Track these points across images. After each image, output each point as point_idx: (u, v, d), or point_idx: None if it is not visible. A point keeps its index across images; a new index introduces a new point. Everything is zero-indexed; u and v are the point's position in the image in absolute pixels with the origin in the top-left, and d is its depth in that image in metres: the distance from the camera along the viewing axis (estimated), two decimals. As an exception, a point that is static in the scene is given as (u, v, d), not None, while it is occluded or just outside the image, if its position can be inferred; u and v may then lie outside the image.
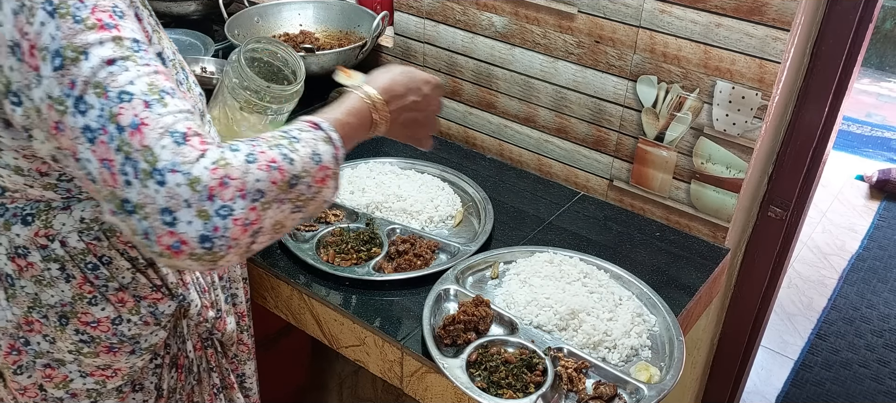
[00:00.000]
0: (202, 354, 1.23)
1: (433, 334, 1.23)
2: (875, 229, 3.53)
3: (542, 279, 1.34)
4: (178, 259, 0.78)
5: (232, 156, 0.79)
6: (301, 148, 0.85)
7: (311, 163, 0.85)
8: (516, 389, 1.15)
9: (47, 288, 1.00)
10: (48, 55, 0.76)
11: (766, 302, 1.74)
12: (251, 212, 0.79)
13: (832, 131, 1.49)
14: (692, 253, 1.51)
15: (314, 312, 1.38)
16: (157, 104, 0.77)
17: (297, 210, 0.86)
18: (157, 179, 0.75)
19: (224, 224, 0.77)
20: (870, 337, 2.82)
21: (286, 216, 0.84)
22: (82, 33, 0.77)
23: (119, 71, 0.77)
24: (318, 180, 0.87)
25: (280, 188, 0.82)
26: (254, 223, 0.80)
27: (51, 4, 0.76)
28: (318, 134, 0.89)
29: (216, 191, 0.76)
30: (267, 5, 1.94)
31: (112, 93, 0.76)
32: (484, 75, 1.74)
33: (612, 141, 1.60)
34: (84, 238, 0.99)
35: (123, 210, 0.77)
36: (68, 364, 1.08)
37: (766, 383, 2.61)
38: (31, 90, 0.78)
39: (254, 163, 0.80)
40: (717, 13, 1.35)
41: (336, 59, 1.72)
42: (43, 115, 0.79)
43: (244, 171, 0.79)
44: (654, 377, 1.19)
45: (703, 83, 1.42)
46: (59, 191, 0.95)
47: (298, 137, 0.87)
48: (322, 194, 0.88)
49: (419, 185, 1.59)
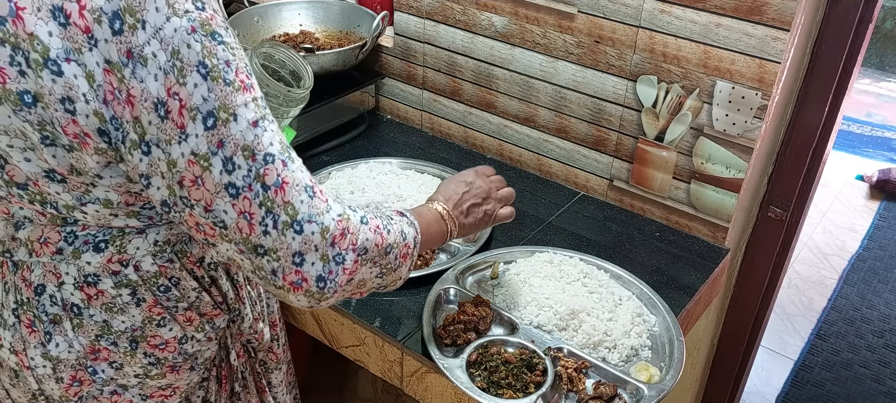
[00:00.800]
0: (245, 360, 1.24)
1: (433, 334, 1.23)
2: (875, 229, 3.53)
3: (542, 279, 1.34)
4: (295, 293, 0.88)
5: (352, 214, 0.91)
6: (394, 225, 0.99)
7: (400, 239, 0.98)
8: (516, 389, 1.15)
9: (119, 314, 0.99)
10: (199, 116, 0.79)
11: (766, 303, 1.73)
12: (354, 264, 0.91)
13: (832, 131, 1.49)
14: (692, 253, 1.51)
15: (314, 312, 1.38)
16: (290, 162, 0.86)
17: (380, 276, 0.97)
18: (296, 229, 0.85)
19: (337, 269, 0.89)
20: (870, 338, 2.81)
21: (371, 278, 0.96)
22: (231, 95, 0.80)
23: (261, 133, 0.83)
24: (402, 255, 0.99)
25: (379, 251, 0.94)
26: (354, 274, 0.92)
27: (205, 68, 0.78)
28: (404, 220, 1.03)
29: (337, 240, 0.88)
30: (267, 5, 1.94)
31: (259, 156, 0.83)
32: (484, 75, 1.74)
33: (611, 141, 1.60)
34: (157, 261, 0.98)
35: (255, 253, 0.85)
36: (131, 388, 1.06)
37: (766, 383, 2.60)
38: (170, 145, 0.80)
39: (366, 225, 0.93)
40: (717, 13, 1.35)
41: (336, 58, 1.72)
42: (178, 168, 0.81)
43: (358, 228, 0.91)
44: (654, 377, 1.19)
45: (703, 83, 1.42)
46: (141, 218, 0.95)
47: (392, 217, 1.01)
48: (401, 269, 1.00)
49: (419, 185, 1.59)
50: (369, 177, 1.60)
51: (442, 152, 1.83)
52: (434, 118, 1.90)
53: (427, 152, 1.82)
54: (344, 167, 1.66)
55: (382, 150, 1.82)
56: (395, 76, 1.92)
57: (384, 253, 0.95)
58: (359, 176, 1.62)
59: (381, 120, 1.97)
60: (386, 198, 1.53)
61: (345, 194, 1.56)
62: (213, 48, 0.79)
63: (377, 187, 1.56)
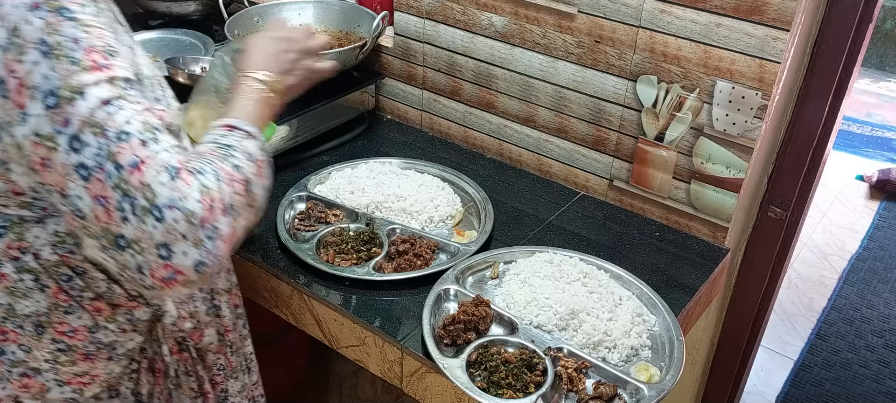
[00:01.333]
0: (178, 357, 1.21)
1: (433, 334, 1.23)
2: (875, 229, 3.53)
3: (541, 279, 1.34)
4: (169, 289, 0.84)
5: (208, 181, 0.86)
6: (237, 153, 0.94)
7: (251, 165, 0.94)
8: (516, 389, 1.15)
9: (22, 298, 0.98)
10: (39, 94, 0.77)
11: (766, 303, 1.73)
12: (230, 228, 0.87)
13: (832, 131, 1.49)
14: (692, 253, 1.51)
15: (314, 312, 1.38)
16: (152, 142, 0.81)
17: (252, 210, 0.94)
18: (156, 216, 0.80)
19: (214, 245, 0.84)
20: (870, 338, 2.81)
21: (250, 217, 0.94)
22: (78, 74, 0.78)
23: (116, 111, 0.79)
24: (259, 175, 0.96)
25: (244, 198, 0.91)
26: (233, 236, 0.88)
27: (45, 45, 0.77)
28: (238, 134, 0.97)
29: (207, 219, 0.83)
30: (267, 5, 1.94)
31: (110, 134, 0.78)
32: (484, 75, 1.74)
33: (611, 141, 1.60)
34: (58, 250, 0.97)
35: (116, 246, 0.81)
36: (44, 372, 1.05)
37: (766, 383, 2.60)
38: (12, 127, 0.78)
39: (222, 181, 0.88)
40: (717, 13, 1.35)
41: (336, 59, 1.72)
42: (25, 151, 0.79)
43: (219, 190, 0.86)
44: (654, 377, 1.19)
45: (703, 83, 1.42)
46: (34, 209, 0.93)
47: (230, 144, 0.95)
48: (263, 186, 0.97)
49: (419, 185, 1.59)
50: (369, 177, 1.60)
51: (442, 152, 1.83)
52: (434, 118, 1.90)
53: (427, 152, 1.82)
54: (344, 167, 1.66)
55: (382, 150, 1.82)
56: (395, 76, 1.92)
57: (248, 192, 0.92)
58: (359, 176, 1.62)
59: (381, 120, 1.97)
60: (386, 197, 1.53)
61: (345, 194, 1.56)
62: (58, 24, 0.78)
63: (377, 187, 1.56)
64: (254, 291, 1.49)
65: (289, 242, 1.42)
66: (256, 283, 1.47)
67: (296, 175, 1.66)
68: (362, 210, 1.52)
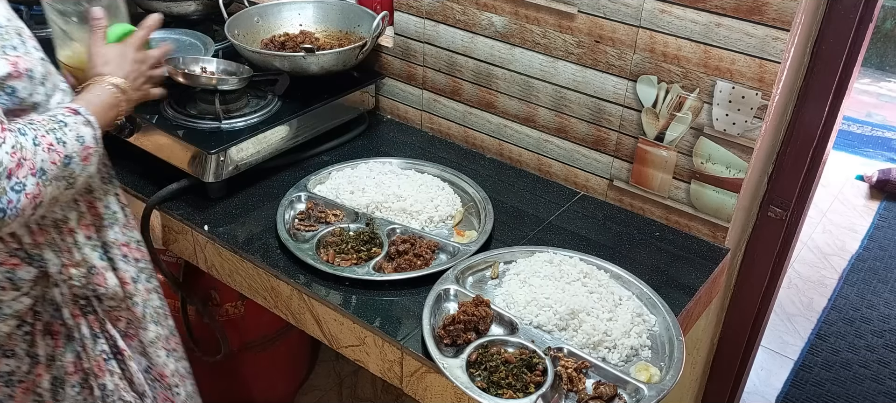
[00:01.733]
0: (83, 321, 1.25)
1: (433, 334, 1.23)
2: (875, 229, 3.53)
3: (541, 279, 1.34)
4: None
5: (24, 140, 0.97)
6: (69, 132, 1.04)
7: (77, 145, 1.05)
8: (516, 389, 1.15)
9: None
10: None
11: (766, 303, 1.73)
12: (37, 188, 0.98)
13: (832, 131, 1.49)
14: (692, 253, 1.51)
15: (314, 312, 1.38)
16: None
17: (70, 186, 1.06)
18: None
19: (17, 197, 0.96)
20: (870, 338, 2.81)
21: (61, 191, 1.04)
22: None
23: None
24: (84, 158, 1.07)
25: (58, 167, 1.01)
26: (38, 197, 0.99)
27: None
28: (78, 118, 1.08)
29: (14, 172, 0.95)
30: (267, 5, 1.94)
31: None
32: (484, 75, 1.74)
33: (611, 141, 1.60)
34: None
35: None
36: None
37: (766, 383, 2.60)
38: None
39: (39, 147, 0.99)
40: (717, 13, 1.35)
41: (336, 58, 1.72)
42: None
43: (34, 153, 0.97)
44: (654, 377, 1.19)
45: (703, 83, 1.42)
46: None
47: (65, 122, 1.05)
48: (87, 170, 1.08)
49: (419, 185, 1.59)
50: (369, 177, 1.60)
51: (442, 152, 1.83)
52: (434, 118, 1.90)
53: (427, 152, 1.82)
54: (344, 167, 1.66)
55: (382, 150, 1.82)
56: (395, 76, 1.92)
57: (64, 165, 1.02)
58: (359, 176, 1.62)
59: (381, 120, 1.97)
60: (386, 197, 1.53)
61: (345, 194, 1.56)
62: None
63: (377, 187, 1.56)
64: (254, 291, 1.49)
65: (289, 242, 1.42)
66: (256, 283, 1.47)
67: (296, 175, 1.66)
68: (362, 210, 1.52)
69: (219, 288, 1.86)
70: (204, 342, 1.94)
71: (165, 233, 1.60)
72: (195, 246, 1.55)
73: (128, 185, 1.62)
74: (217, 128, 1.60)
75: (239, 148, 1.57)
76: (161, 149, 1.61)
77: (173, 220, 1.55)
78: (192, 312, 1.91)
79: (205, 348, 1.94)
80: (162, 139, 1.60)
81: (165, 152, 1.60)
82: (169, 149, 1.59)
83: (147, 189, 1.60)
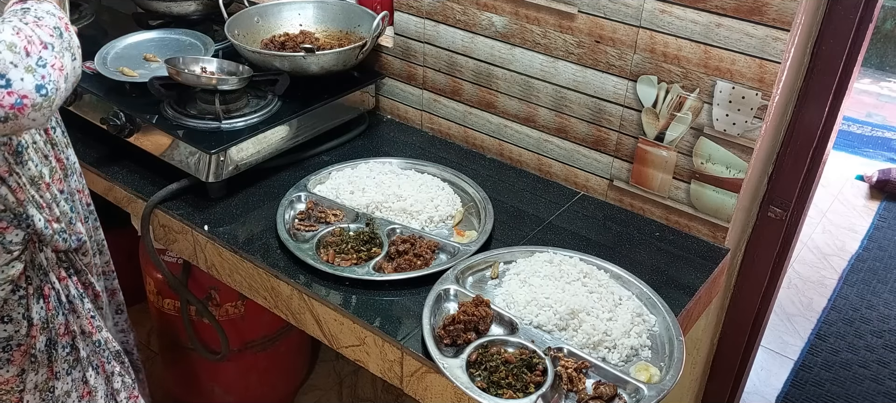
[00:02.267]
0: (69, 282, 1.31)
1: (433, 334, 1.23)
2: (875, 229, 3.53)
3: (541, 279, 1.34)
4: (22, 116, 0.95)
5: (17, 23, 0.98)
6: (37, 10, 1.05)
7: (52, 18, 1.05)
8: (516, 389, 1.15)
9: None
10: None
11: (766, 303, 1.73)
12: (57, 59, 1.00)
13: (832, 131, 1.49)
14: (692, 253, 1.51)
15: (314, 312, 1.38)
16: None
17: (74, 58, 1.07)
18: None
19: (47, 71, 0.97)
20: (869, 338, 2.81)
21: (71, 67, 1.06)
22: None
23: None
24: (65, 27, 1.08)
25: (56, 40, 1.02)
26: (62, 68, 1.01)
27: None
28: (31, 2, 1.07)
29: (30, 49, 0.95)
30: (267, 5, 1.94)
31: None
32: (484, 75, 1.74)
33: (611, 141, 1.60)
34: None
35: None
36: None
37: (766, 383, 2.60)
38: None
39: (29, 25, 0.99)
40: (718, 13, 1.35)
41: (336, 58, 1.72)
42: None
43: (32, 31, 0.98)
44: (654, 377, 1.19)
45: (703, 83, 1.42)
46: None
47: (28, 7, 1.05)
48: (75, 42, 1.09)
49: (419, 185, 1.59)
50: (369, 177, 1.60)
51: (442, 152, 1.83)
52: (434, 118, 1.90)
53: (427, 152, 1.82)
54: (344, 167, 1.66)
55: (382, 150, 1.82)
56: (395, 76, 1.92)
57: (59, 35, 1.04)
58: (359, 176, 1.62)
59: (381, 120, 1.97)
60: (386, 197, 1.53)
61: (345, 194, 1.56)
62: None
63: (377, 187, 1.56)
64: (254, 291, 1.49)
65: (289, 242, 1.42)
66: (256, 283, 1.47)
67: (296, 175, 1.66)
68: (362, 210, 1.52)
69: (219, 288, 1.86)
70: (204, 342, 1.94)
71: (165, 233, 1.60)
72: (195, 246, 1.55)
73: (128, 185, 1.62)
74: (217, 128, 1.60)
75: (239, 148, 1.57)
76: (161, 148, 1.61)
77: (173, 220, 1.55)
78: (192, 312, 1.91)
79: (205, 348, 1.94)
80: (162, 139, 1.60)
81: (165, 152, 1.60)
82: (169, 148, 1.59)
83: (147, 189, 1.60)
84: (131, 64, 1.80)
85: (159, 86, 1.65)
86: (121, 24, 2.09)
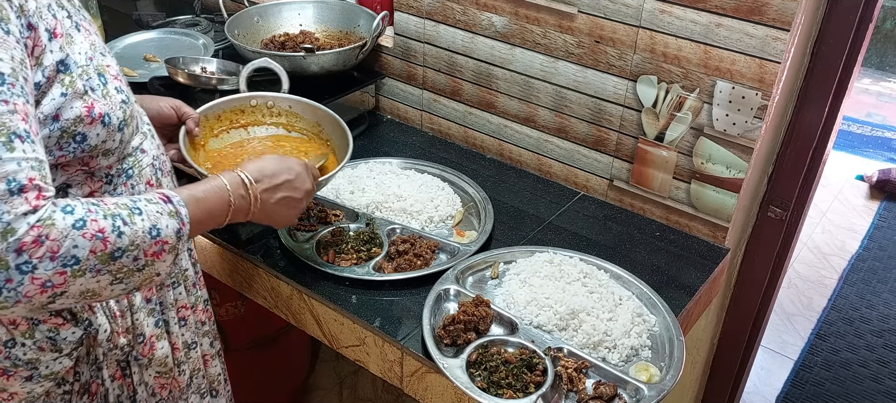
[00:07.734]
0: (122, 383, 1.12)
1: (433, 334, 1.23)
2: (875, 229, 3.53)
3: (541, 279, 1.34)
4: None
5: (60, 218, 0.79)
6: (140, 221, 0.86)
7: (145, 238, 0.86)
8: (516, 389, 1.15)
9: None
10: None
11: (766, 303, 1.73)
12: (57, 276, 0.79)
13: (832, 131, 1.49)
14: (692, 253, 1.51)
15: (314, 312, 1.38)
16: (3, 147, 0.76)
17: (118, 281, 0.86)
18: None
19: (20, 279, 0.76)
20: (869, 338, 2.82)
21: (103, 286, 0.85)
22: None
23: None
24: (151, 254, 0.88)
25: (99, 259, 0.82)
26: (57, 286, 0.80)
27: None
28: (165, 207, 0.91)
29: (26, 247, 0.76)
30: (267, 5, 1.94)
31: None
32: (484, 75, 1.74)
33: (612, 141, 1.60)
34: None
35: None
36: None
37: (766, 383, 2.60)
38: None
39: (79, 230, 0.80)
40: (718, 13, 1.35)
41: (336, 58, 1.72)
42: None
43: (65, 236, 0.79)
44: (654, 377, 1.19)
45: (703, 83, 1.42)
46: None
47: (142, 210, 0.88)
48: (154, 267, 0.89)
49: (419, 185, 1.59)
50: (369, 177, 1.60)
51: (442, 152, 1.83)
52: (434, 118, 1.90)
53: (427, 152, 1.82)
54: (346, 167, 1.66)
55: (382, 150, 1.82)
56: (395, 76, 1.92)
57: (111, 258, 0.83)
58: (359, 176, 1.62)
59: (381, 120, 1.97)
60: (386, 197, 1.53)
61: (345, 194, 1.56)
62: None
63: (377, 187, 1.56)
64: (254, 291, 1.49)
65: (289, 242, 1.42)
66: (256, 283, 1.47)
67: (296, 175, 1.66)
68: (362, 210, 1.52)
69: (219, 287, 1.86)
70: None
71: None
72: (195, 245, 1.55)
73: (128, 185, 1.62)
74: (217, 128, 1.59)
75: (239, 148, 1.57)
76: (161, 149, 1.61)
77: (173, 220, 1.55)
78: (192, 312, 1.90)
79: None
80: (162, 139, 1.60)
81: (165, 152, 1.60)
82: (169, 149, 1.59)
83: (147, 189, 1.59)
84: (131, 64, 1.80)
85: (159, 86, 1.65)
86: (121, 24, 2.10)
